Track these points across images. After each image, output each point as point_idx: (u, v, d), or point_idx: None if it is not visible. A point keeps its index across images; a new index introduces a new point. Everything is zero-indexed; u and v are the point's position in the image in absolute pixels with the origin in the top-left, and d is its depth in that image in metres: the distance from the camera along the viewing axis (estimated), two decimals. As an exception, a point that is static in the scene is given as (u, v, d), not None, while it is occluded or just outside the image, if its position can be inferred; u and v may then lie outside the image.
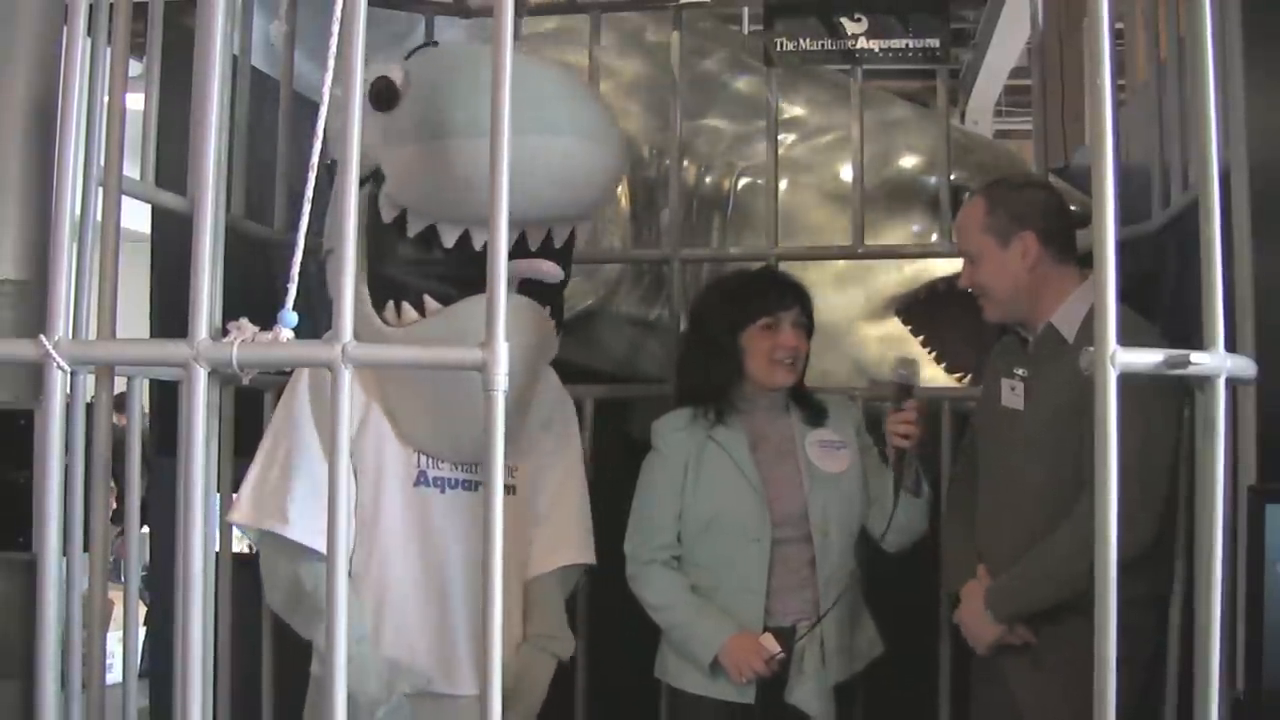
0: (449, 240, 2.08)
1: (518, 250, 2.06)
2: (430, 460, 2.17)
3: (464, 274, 2.05)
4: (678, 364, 2.63)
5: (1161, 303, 2.46)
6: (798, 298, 2.47)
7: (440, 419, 2.13)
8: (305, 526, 2.05)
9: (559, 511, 2.31)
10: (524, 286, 2.11)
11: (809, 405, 2.48)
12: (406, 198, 2.07)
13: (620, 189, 3.37)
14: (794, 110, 3.35)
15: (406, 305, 2.10)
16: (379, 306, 2.11)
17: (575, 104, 2.08)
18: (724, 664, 2.33)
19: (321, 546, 2.01)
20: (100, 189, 1.93)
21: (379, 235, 2.11)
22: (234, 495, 2.59)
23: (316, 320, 1.92)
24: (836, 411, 2.52)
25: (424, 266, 2.10)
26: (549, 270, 2.11)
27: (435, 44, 2.31)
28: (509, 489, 2.14)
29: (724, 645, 2.33)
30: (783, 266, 2.86)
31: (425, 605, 2.15)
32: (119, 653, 2.55)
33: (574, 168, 2.04)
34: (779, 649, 2.32)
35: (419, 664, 2.14)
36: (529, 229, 2.08)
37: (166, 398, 2.67)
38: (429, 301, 2.10)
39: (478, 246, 2.05)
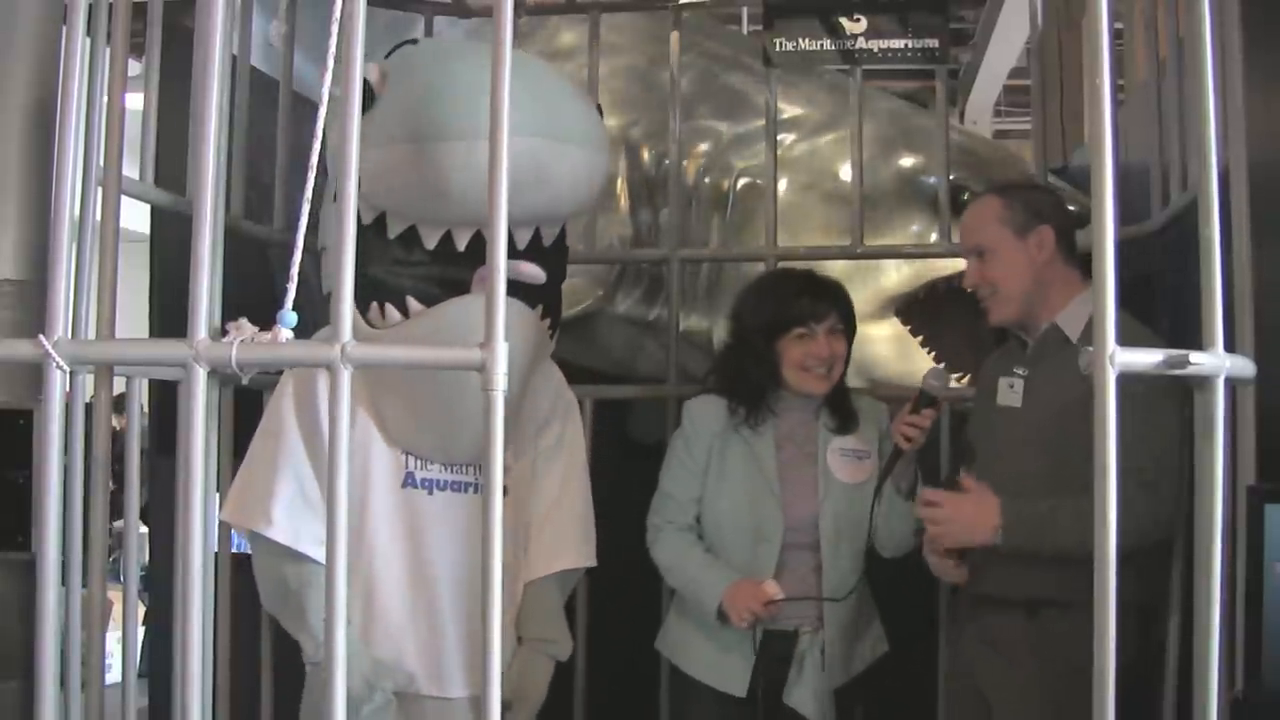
0: (430, 241, 2.06)
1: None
2: (419, 462, 2.16)
3: (447, 274, 2.06)
4: (717, 360, 2.63)
5: (1161, 303, 2.46)
6: (834, 303, 2.45)
7: (429, 420, 2.12)
8: (289, 528, 2.07)
9: (559, 513, 2.27)
10: (512, 287, 2.10)
11: (839, 412, 2.46)
12: (386, 200, 2.04)
13: (620, 189, 3.37)
14: (794, 109, 3.34)
15: (390, 306, 2.07)
16: (364, 308, 2.07)
17: (570, 105, 2.07)
18: (726, 609, 2.33)
19: (305, 548, 2.07)
20: (100, 189, 1.92)
21: (359, 237, 2.09)
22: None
23: (316, 315, 1.91)
24: (865, 417, 2.49)
25: (406, 268, 2.07)
26: (528, 272, 2.08)
27: (415, 41, 2.26)
28: (503, 489, 2.14)
29: (726, 591, 2.34)
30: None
31: (413, 607, 2.15)
32: (118, 653, 2.55)
33: (566, 170, 2.02)
34: (780, 592, 2.32)
35: (406, 665, 2.14)
36: (515, 229, 2.04)
37: (166, 398, 2.67)
38: (412, 303, 2.07)
39: (460, 247, 2.04)
